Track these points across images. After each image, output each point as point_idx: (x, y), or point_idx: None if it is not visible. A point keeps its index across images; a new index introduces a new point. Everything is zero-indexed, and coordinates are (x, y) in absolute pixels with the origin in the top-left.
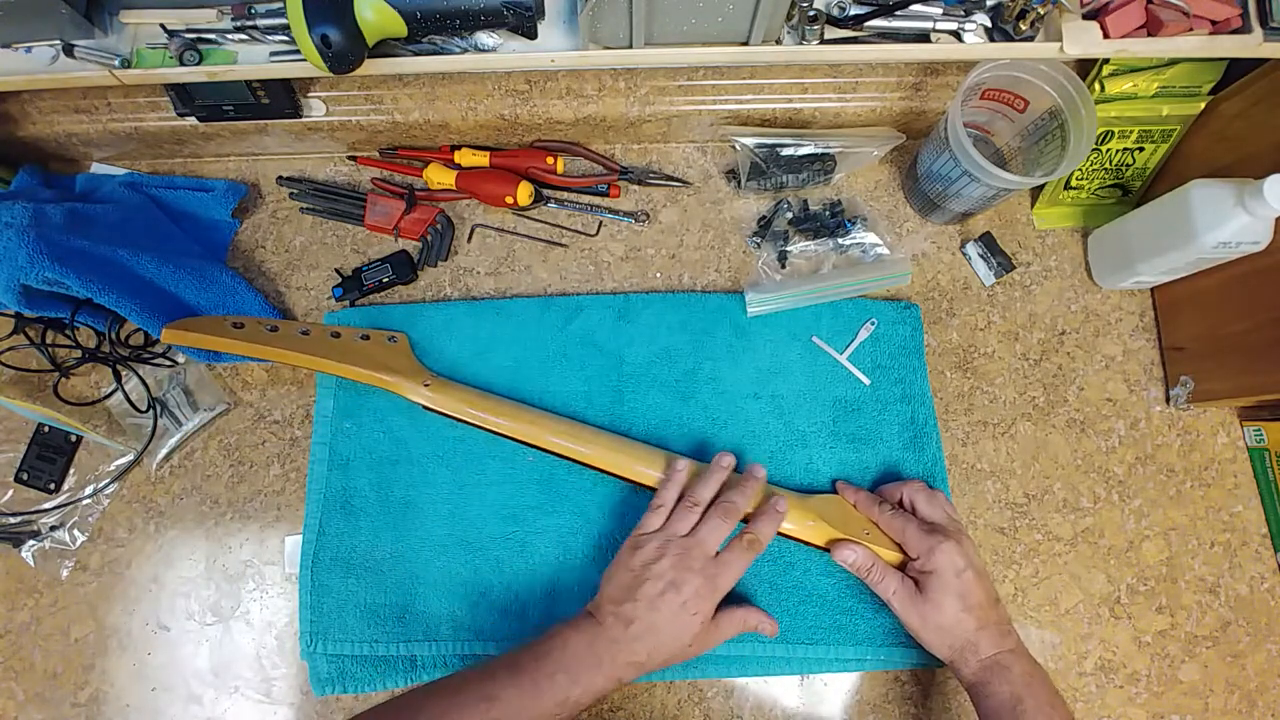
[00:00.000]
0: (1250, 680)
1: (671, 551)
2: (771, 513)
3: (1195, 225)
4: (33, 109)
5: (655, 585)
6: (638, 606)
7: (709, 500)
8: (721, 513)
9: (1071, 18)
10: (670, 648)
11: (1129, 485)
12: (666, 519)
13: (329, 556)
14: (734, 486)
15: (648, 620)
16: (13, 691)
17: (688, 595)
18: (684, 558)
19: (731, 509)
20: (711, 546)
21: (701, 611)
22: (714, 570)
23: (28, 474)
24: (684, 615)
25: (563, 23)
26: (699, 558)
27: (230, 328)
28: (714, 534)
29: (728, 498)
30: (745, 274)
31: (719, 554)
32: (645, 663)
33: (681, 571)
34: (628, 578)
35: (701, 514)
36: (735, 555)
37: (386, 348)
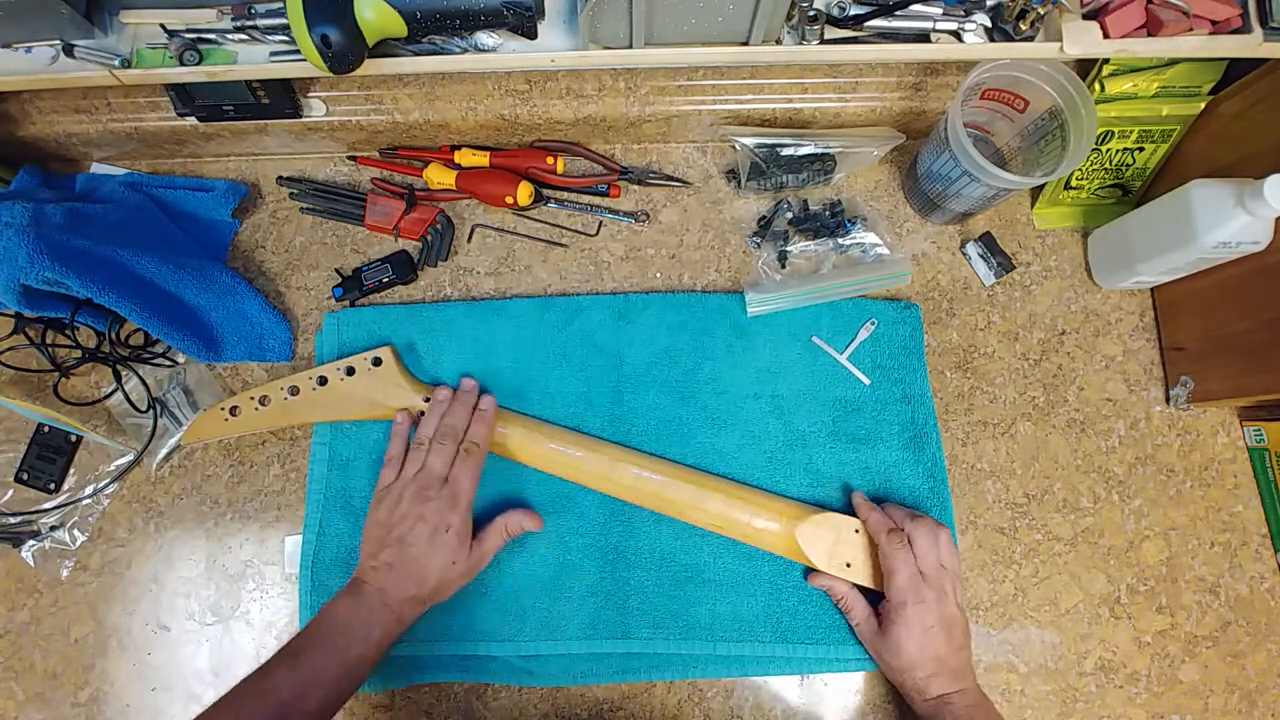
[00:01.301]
0: (1250, 680)
1: (408, 492)
2: (478, 415)
3: (1195, 225)
4: (33, 109)
5: (403, 525)
6: (392, 550)
7: (431, 435)
8: (440, 438)
9: (1071, 18)
10: (436, 571)
11: (1129, 485)
12: (399, 469)
13: (329, 556)
14: (448, 412)
15: (405, 555)
16: (13, 691)
17: (434, 519)
18: (421, 490)
19: (449, 431)
20: (441, 471)
21: (453, 527)
22: (449, 490)
23: (28, 474)
24: (437, 537)
25: (563, 23)
26: (433, 485)
27: (228, 416)
28: (439, 459)
29: (444, 424)
30: (745, 274)
31: (449, 474)
32: (419, 593)
33: (420, 504)
34: (377, 532)
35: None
36: (459, 467)
37: (373, 378)
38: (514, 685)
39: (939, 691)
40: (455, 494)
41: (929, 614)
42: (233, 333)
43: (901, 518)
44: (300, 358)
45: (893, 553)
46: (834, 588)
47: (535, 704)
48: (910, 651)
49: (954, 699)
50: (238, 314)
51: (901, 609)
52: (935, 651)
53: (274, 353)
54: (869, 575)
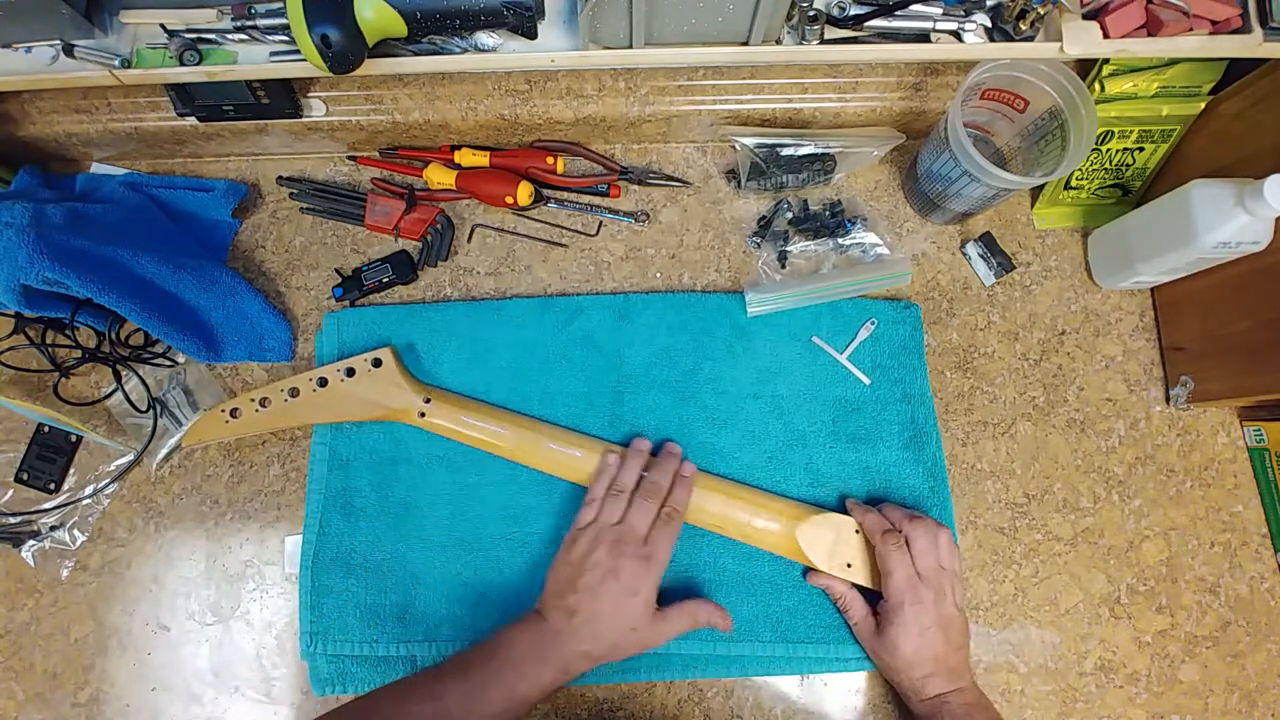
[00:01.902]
0: (1250, 680)
1: (605, 540)
2: (681, 481)
3: (1195, 225)
4: (33, 109)
5: (594, 574)
6: (580, 597)
7: (633, 485)
8: (644, 494)
9: (1071, 18)
10: (615, 633)
11: (1129, 485)
12: (598, 511)
13: (329, 556)
14: (653, 467)
15: (590, 609)
16: (13, 691)
17: (626, 579)
18: (618, 544)
19: (654, 488)
20: (641, 529)
21: (642, 592)
22: (646, 551)
23: (28, 474)
24: (625, 598)
25: (563, 23)
26: (631, 542)
27: (228, 418)
28: (642, 516)
29: (649, 479)
30: (745, 274)
31: (648, 535)
32: (591, 650)
33: (616, 558)
34: (567, 571)
35: (629, 500)
36: (660, 531)
37: (373, 379)
38: None
39: (936, 691)
40: (651, 558)
41: (926, 615)
42: (233, 333)
43: (900, 518)
44: (300, 358)
45: (889, 553)
46: (833, 587)
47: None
48: (907, 652)
49: (951, 698)
50: (238, 314)
51: (899, 610)
52: (933, 652)
53: (274, 353)
54: (869, 575)
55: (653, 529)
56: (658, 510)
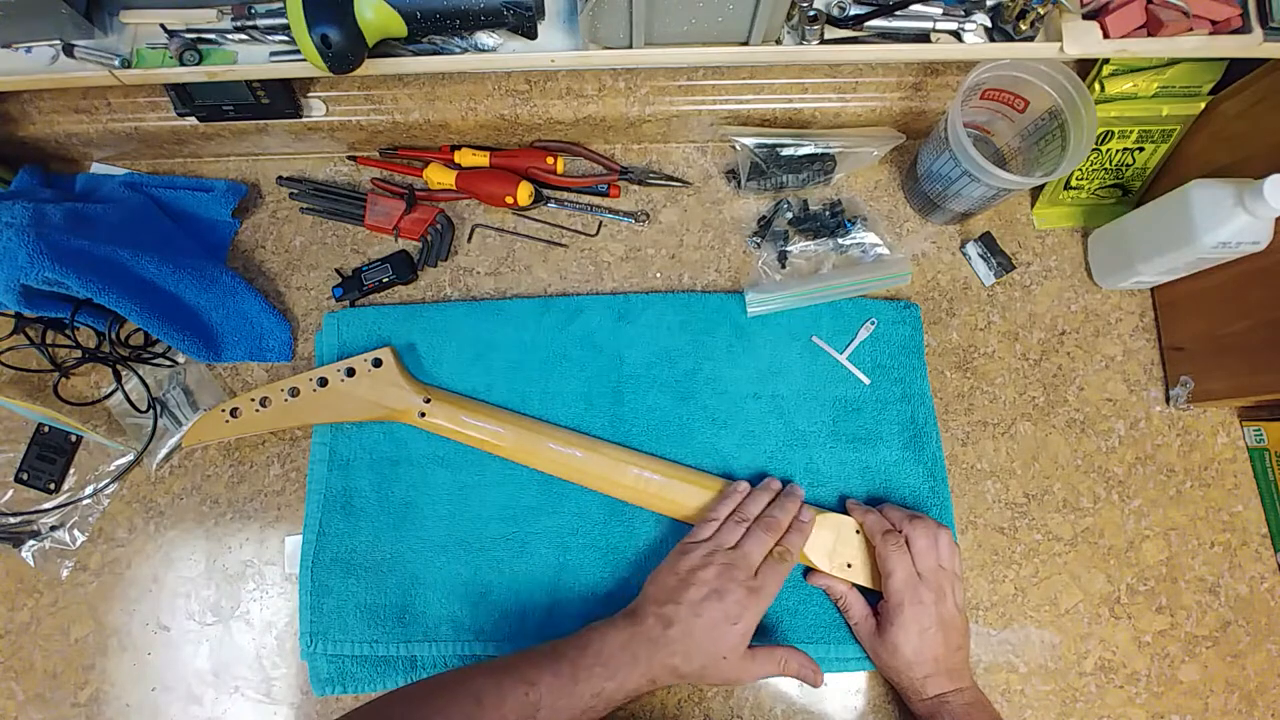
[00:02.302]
0: (1250, 680)
1: (718, 561)
2: (798, 525)
3: (1195, 225)
4: (33, 109)
5: (699, 590)
6: (680, 609)
7: (754, 517)
8: (764, 527)
9: (1071, 18)
10: (706, 655)
11: (1129, 485)
12: (716, 531)
13: (329, 557)
14: (777, 504)
15: (688, 624)
16: (13, 691)
17: (730, 604)
18: (729, 569)
19: (774, 524)
20: (755, 560)
21: (743, 622)
22: (755, 583)
23: (28, 474)
24: (724, 624)
25: (563, 23)
26: (743, 570)
27: (228, 418)
28: (758, 547)
29: (770, 513)
30: (745, 274)
31: (758, 569)
32: (680, 666)
33: (726, 581)
34: (673, 581)
35: (747, 529)
36: (771, 568)
37: (373, 379)
38: None
39: (936, 691)
40: (758, 592)
41: (926, 615)
42: (233, 333)
43: (900, 519)
44: (300, 358)
45: (889, 554)
46: (833, 587)
47: None
48: (907, 652)
49: (951, 698)
50: (238, 314)
51: (899, 610)
52: (933, 652)
53: (274, 353)
54: (869, 575)
55: (764, 564)
56: (772, 546)
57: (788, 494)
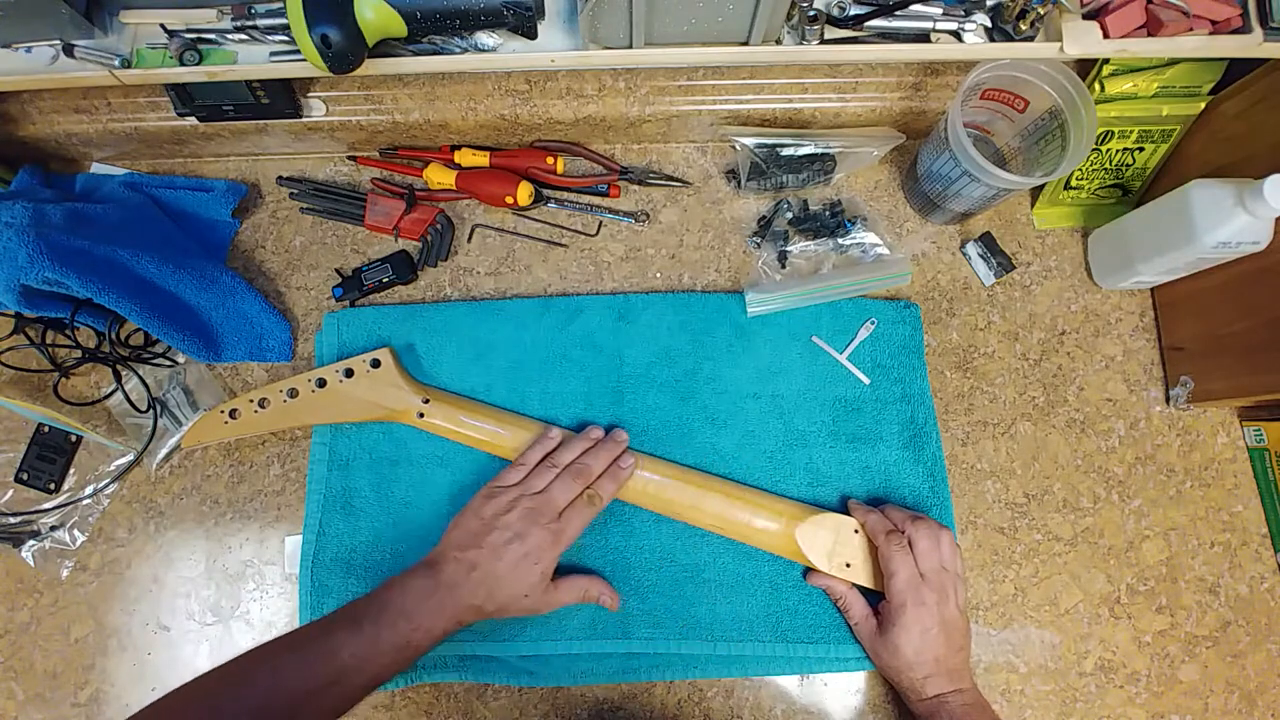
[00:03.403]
0: (1250, 680)
1: (522, 505)
2: (615, 470)
3: (1195, 225)
4: (33, 109)
5: (502, 535)
6: (482, 553)
7: (567, 464)
8: (572, 474)
9: (1071, 18)
10: (508, 594)
11: (1129, 485)
12: (525, 477)
13: (329, 556)
14: (591, 452)
15: (490, 567)
16: (13, 691)
17: (530, 546)
18: (533, 512)
19: (584, 470)
20: (560, 504)
21: (543, 563)
22: (558, 526)
23: (28, 474)
24: (525, 565)
25: (563, 23)
26: (547, 514)
27: (227, 419)
28: (564, 492)
29: (582, 460)
30: (745, 274)
31: (563, 512)
32: (483, 606)
33: (528, 525)
34: (476, 525)
35: (556, 475)
36: (576, 511)
37: (372, 380)
38: (514, 685)
39: (935, 691)
40: (560, 534)
41: (928, 616)
42: (233, 333)
43: (902, 519)
44: (300, 358)
45: (892, 554)
46: (833, 587)
47: (535, 704)
48: (908, 653)
49: (950, 699)
50: (238, 314)
51: (901, 611)
52: (934, 653)
53: (274, 353)
54: (869, 575)
55: (570, 507)
56: (581, 491)
57: (607, 440)
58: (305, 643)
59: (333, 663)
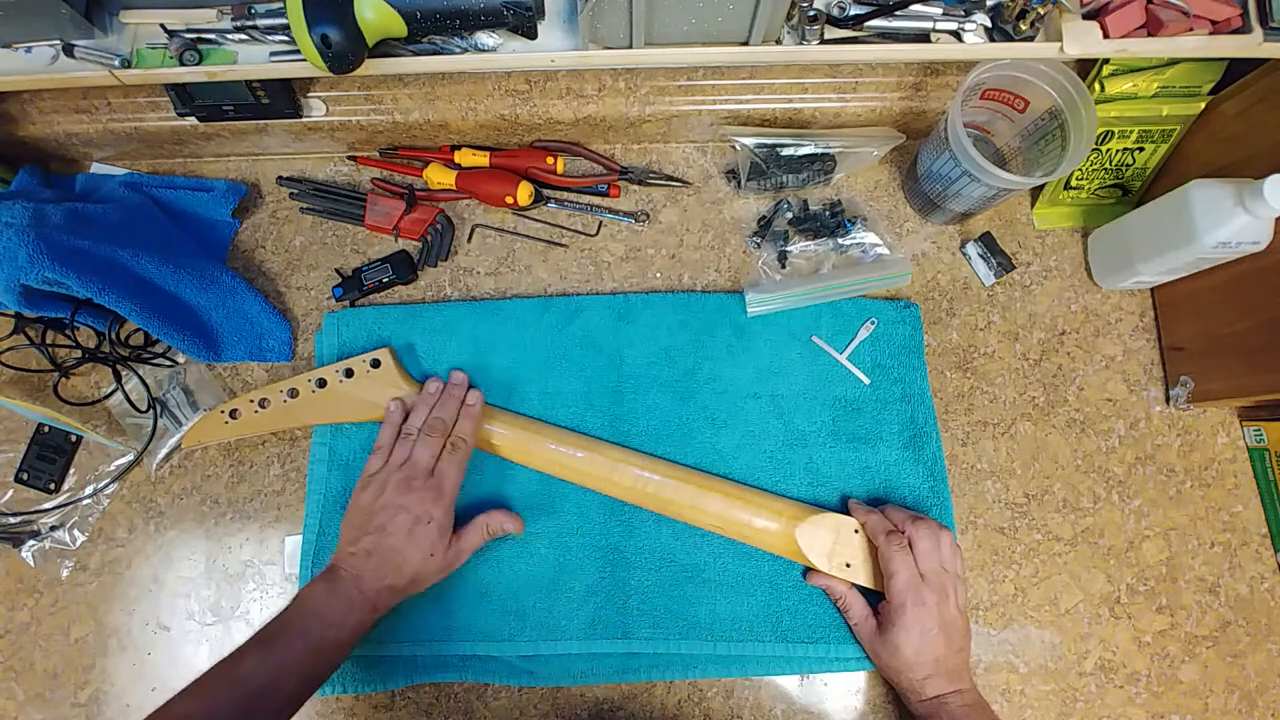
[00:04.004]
0: (1250, 680)
1: (393, 481)
2: (465, 411)
3: (1195, 225)
4: (33, 109)
5: (385, 514)
6: (373, 537)
7: (420, 426)
8: (428, 431)
9: (1071, 18)
10: (414, 562)
11: (1129, 485)
12: (385, 458)
13: (329, 556)
14: (438, 405)
15: (384, 544)
16: (13, 691)
17: (416, 510)
18: (405, 481)
19: (437, 424)
20: (427, 464)
21: (434, 519)
22: (434, 481)
23: (28, 474)
24: (419, 529)
25: (563, 23)
26: (419, 476)
27: (227, 419)
28: (427, 451)
29: (433, 416)
30: (745, 274)
31: (433, 468)
32: (395, 583)
33: (404, 494)
34: (359, 517)
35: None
36: (445, 462)
37: (371, 379)
38: (514, 685)
39: (935, 692)
40: (439, 487)
41: (929, 616)
42: (233, 333)
43: (902, 519)
44: (300, 358)
45: (892, 554)
46: (833, 587)
47: (535, 704)
48: (908, 653)
49: (950, 699)
50: (238, 314)
51: (901, 611)
52: (934, 653)
53: (274, 353)
54: (869, 575)
55: (439, 461)
56: (443, 444)
57: (447, 389)
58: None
59: (247, 691)
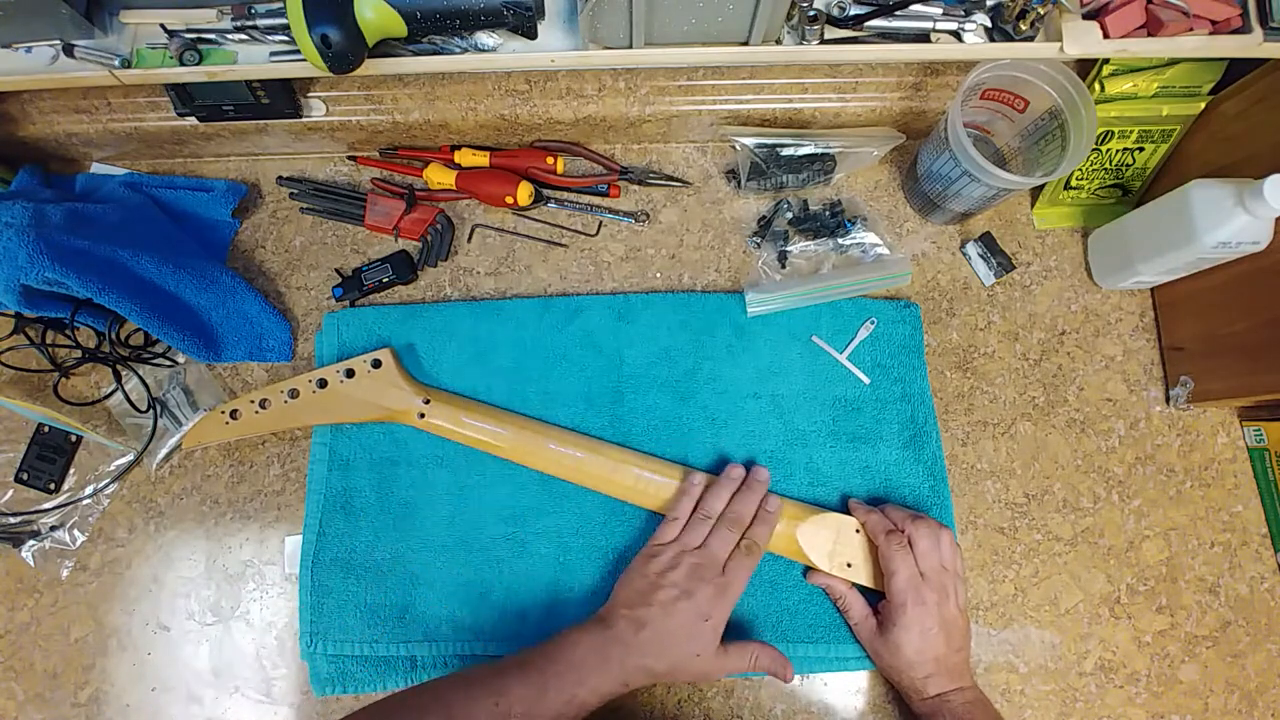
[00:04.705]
0: (1250, 680)
1: (686, 562)
2: (764, 515)
3: (1195, 225)
4: (33, 109)
5: (670, 592)
6: (651, 611)
7: (719, 512)
8: (728, 523)
9: (1071, 18)
10: (679, 654)
11: (1129, 485)
12: (681, 531)
13: (329, 557)
14: (739, 496)
15: (660, 625)
16: (13, 691)
17: (700, 602)
18: (698, 568)
19: (737, 520)
20: (722, 557)
21: (713, 618)
22: (724, 580)
23: (28, 474)
24: (696, 622)
25: (563, 23)
26: (710, 568)
27: (228, 419)
28: (723, 544)
29: (733, 509)
30: (745, 274)
31: (725, 564)
32: (653, 666)
33: (694, 581)
34: (643, 584)
35: (711, 527)
36: (738, 563)
37: (373, 380)
38: None
39: (937, 690)
40: (727, 588)
41: (929, 616)
42: (233, 333)
43: (902, 519)
44: (300, 358)
45: (892, 554)
46: (833, 586)
47: None
48: (909, 653)
49: (952, 697)
50: (238, 314)
51: (902, 610)
52: (934, 653)
53: (274, 353)
54: (869, 575)
55: (730, 559)
56: (738, 541)
57: (750, 484)
58: (475, 682)
59: (500, 706)
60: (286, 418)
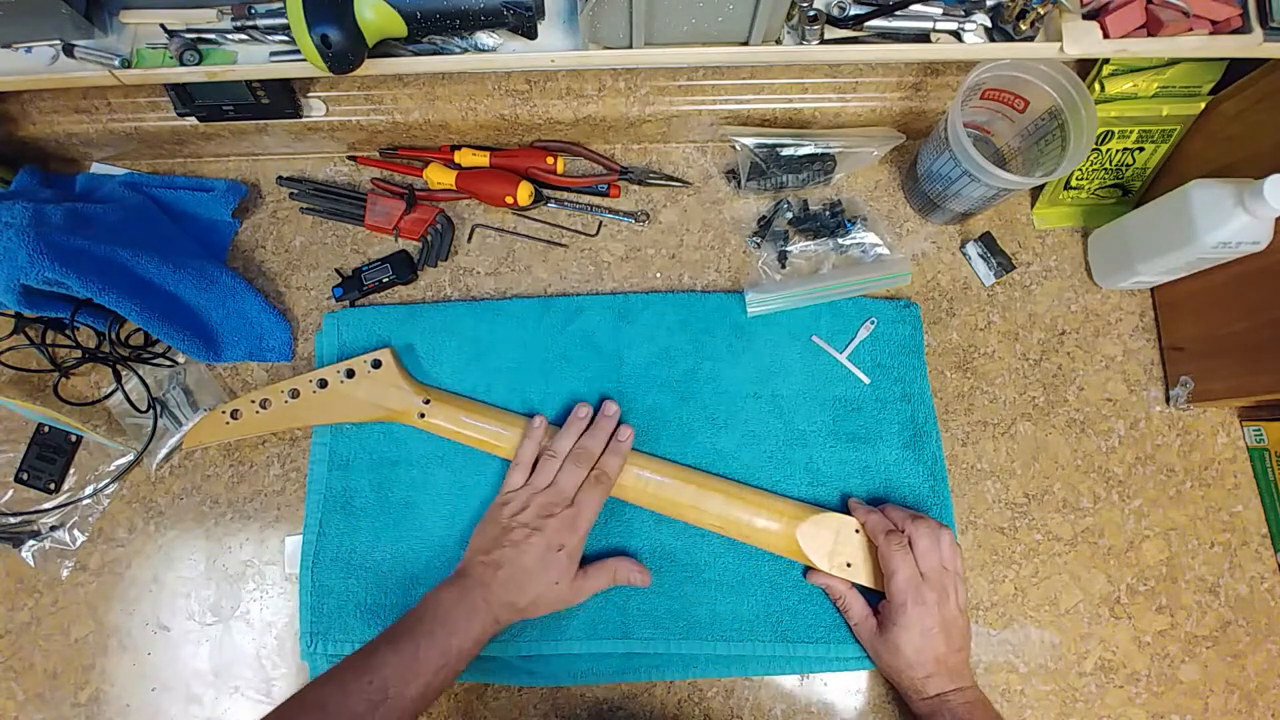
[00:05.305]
0: (1250, 680)
1: (535, 502)
2: (614, 445)
3: (1195, 225)
4: (33, 109)
5: (520, 532)
6: (505, 552)
7: (567, 451)
8: (575, 459)
9: (1071, 18)
10: (539, 585)
11: (1129, 485)
12: (529, 474)
13: (329, 557)
14: (588, 433)
15: (516, 563)
16: (13, 691)
17: (551, 535)
18: (546, 504)
19: (584, 454)
20: (569, 491)
21: (566, 546)
22: (573, 511)
23: (28, 474)
24: (549, 553)
25: (563, 23)
26: (559, 503)
27: (229, 419)
28: (571, 479)
29: (581, 444)
30: (745, 274)
31: (575, 496)
32: (517, 601)
33: (544, 518)
34: (495, 530)
35: (560, 466)
36: (587, 493)
37: (373, 380)
38: (514, 685)
39: (937, 690)
40: (577, 518)
41: (929, 616)
42: (233, 333)
43: (902, 519)
44: (300, 358)
45: (892, 554)
46: (832, 586)
47: (535, 704)
48: (909, 652)
49: (952, 697)
50: (238, 314)
51: (902, 610)
52: (934, 652)
53: (274, 353)
54: (869, 575)
55: (580, 490)
56: (587, 474)
57: (599, 419)
58: (345, 669)
59: (375, 683)
60: (287, 418)
